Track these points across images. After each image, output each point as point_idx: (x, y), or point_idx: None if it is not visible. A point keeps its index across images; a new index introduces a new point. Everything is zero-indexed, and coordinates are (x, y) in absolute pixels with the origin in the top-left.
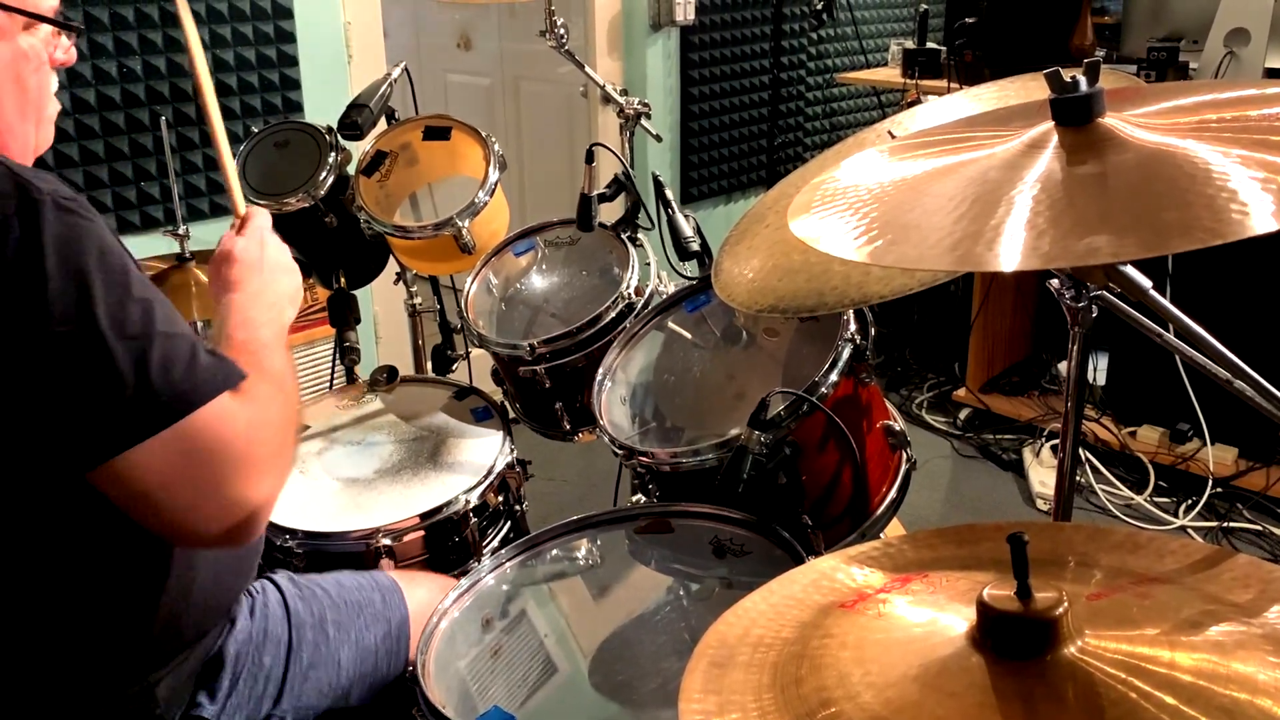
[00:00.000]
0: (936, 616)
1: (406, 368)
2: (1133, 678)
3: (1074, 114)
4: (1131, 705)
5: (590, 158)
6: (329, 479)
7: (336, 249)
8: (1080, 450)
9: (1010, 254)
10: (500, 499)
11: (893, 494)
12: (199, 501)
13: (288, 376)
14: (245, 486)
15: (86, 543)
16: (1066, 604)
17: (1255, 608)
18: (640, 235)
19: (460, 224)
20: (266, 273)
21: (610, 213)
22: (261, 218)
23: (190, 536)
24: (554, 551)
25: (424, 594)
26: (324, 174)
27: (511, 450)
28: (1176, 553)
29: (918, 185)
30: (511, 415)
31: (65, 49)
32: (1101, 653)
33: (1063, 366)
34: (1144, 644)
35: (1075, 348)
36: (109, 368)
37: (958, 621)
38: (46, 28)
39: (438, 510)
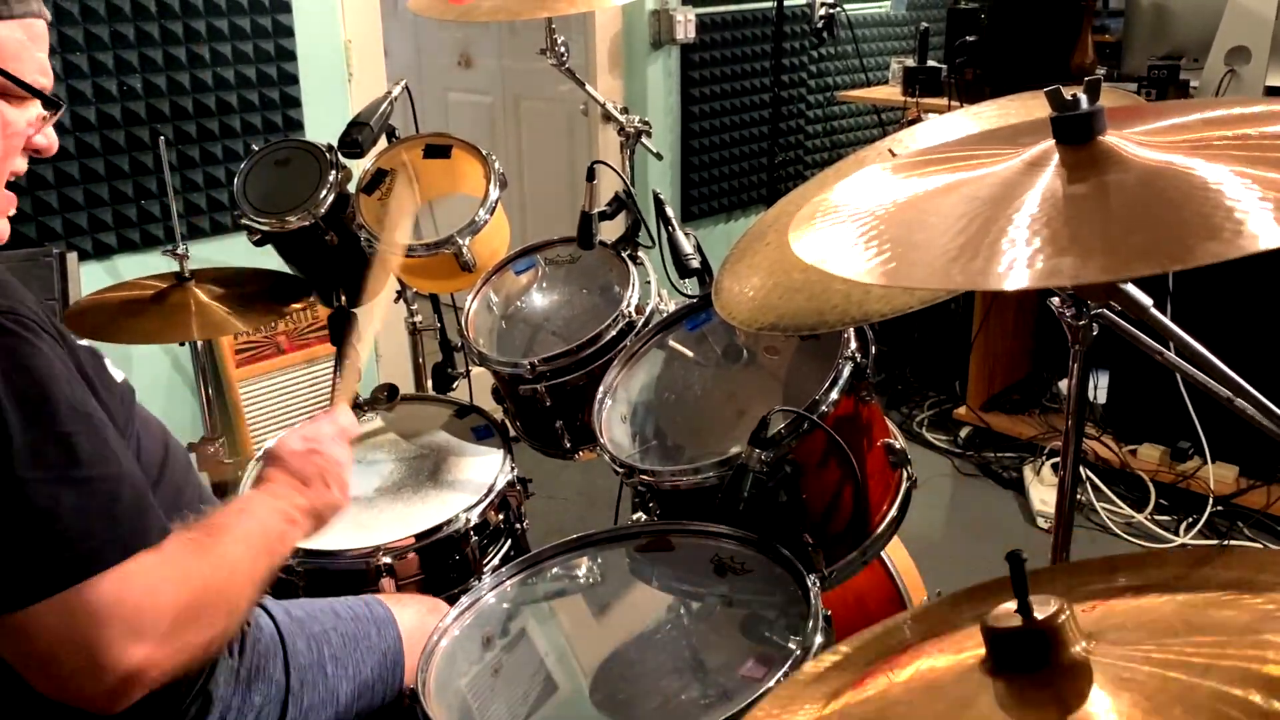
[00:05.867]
0: (949, 662)
1: (407, 386)
2: (1146, 666)
3: (1075, 132)
4: (1151, 690)
5: (591, 175)
6: None
7: (337, 267)
8: (1081, 468)
9: (1012, 273)
10: (501, 517)
11: (893, 512)
12: (87, 664)
13: (243, 563)
14: (121, 651)
15: None
16: (1068, 612)
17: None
18: (641, 253)
19: (461, 242)
20: (314, 479)
21: (611, 231)
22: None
23: (76, 700)
24: (554, 570)
25: (412, 615)
26: (324, 192)
27: (512, 468)
28: (1179, 558)
29: (920, 203)
30: (512, 433)
31: (48, 134)
32: (1110, 651)
33: (1063, 384)
34: (1154, 635)
35: (1076, 366)
36: (16, 516)
37: (969, 660)
38: (36, 105)
39: (438, 529)
